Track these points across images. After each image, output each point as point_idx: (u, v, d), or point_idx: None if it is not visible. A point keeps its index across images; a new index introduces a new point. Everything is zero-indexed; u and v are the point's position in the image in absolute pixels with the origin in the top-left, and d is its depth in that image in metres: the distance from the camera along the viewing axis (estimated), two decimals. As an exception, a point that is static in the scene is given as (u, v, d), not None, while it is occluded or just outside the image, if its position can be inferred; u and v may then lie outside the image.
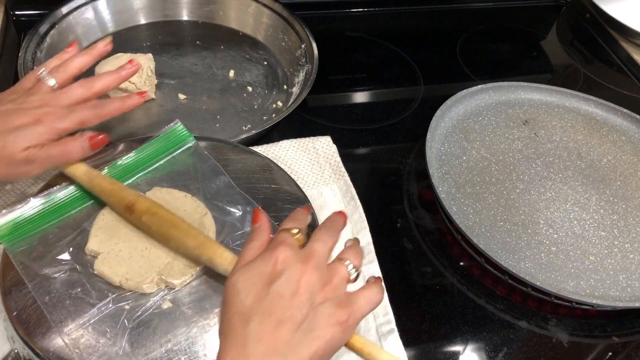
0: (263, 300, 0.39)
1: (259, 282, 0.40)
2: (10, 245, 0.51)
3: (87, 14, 0.84)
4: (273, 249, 0.42)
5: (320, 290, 0.41)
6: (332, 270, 0.43)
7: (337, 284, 0.42)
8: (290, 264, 0.41)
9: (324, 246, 0.43)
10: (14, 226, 0.53)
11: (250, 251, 0.43)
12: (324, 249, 0.43)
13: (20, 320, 0.47)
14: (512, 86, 0.84)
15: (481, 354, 0.59)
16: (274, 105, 0.80)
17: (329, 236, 0.44)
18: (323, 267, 0.42)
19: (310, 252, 0.42)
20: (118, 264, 0.51)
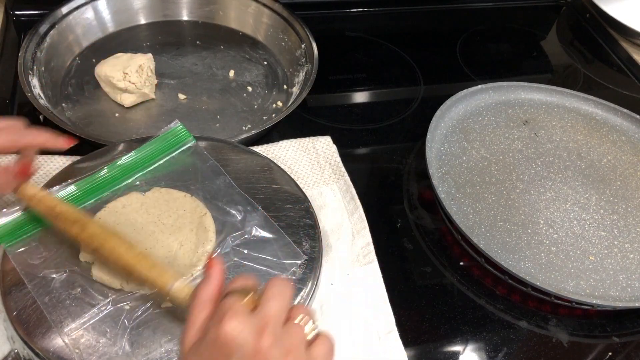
0: None
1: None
2: (10, 246, 0.51)
3: (87, 14, 0.84)
4: (218, 323, 0.35)
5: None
6: (290, 334, 0.37)
7: (297, 347, 0.37)
8: (241, 339, 0.34)
9: (280, 304, 0.37)
10: (13, 226, 0.53)
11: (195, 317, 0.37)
12: (280, 307, 0.37)
13: (20, 320, 0.47)
14: (512, 86, 0.84)
15: (481, 354, 0.59)
16: (274, 105, 0.80)
17: (282, 292, 0.38)
18: (279, 332, 0.36)
19: (264, 316, 0.36)
20: None
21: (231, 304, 0.36)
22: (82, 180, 0.57)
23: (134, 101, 0.76)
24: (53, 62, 0.78)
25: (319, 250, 0.56)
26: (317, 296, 0.56)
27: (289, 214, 0.58)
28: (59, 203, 0.52)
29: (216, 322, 0.35)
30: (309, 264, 0.55)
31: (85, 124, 0.73)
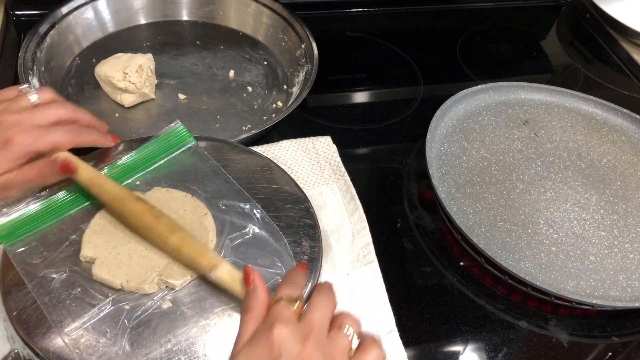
0: None
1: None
2: (10, 246, 0.51)
3: (87, 14, 0.84)
4: (268, 328, 0.39)
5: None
6: (333, 343, 0.40)
7: (340, 356, 0.40)
8: (288, 345, 0.38)
9: (324, 315, 0.41)
10: (13, 226, 0.53)
11: (248, 326, 0.41)
12: (324, 317, 0.41)
13: (20, 320, 0.47)
14: (512, 86, 0.84)
15: (481, 354, 0.59)
16: (274, 105, 0.80)
17: (327, 301, 0.42)
18: (324, 341, 0.40)
19: (309, 326, 0.40)
20: (117, 267, 0.50)
21: (280, 311, 0.40)
22: None
23: (134, 101, 0.76)
24: (53, 62, 0.78)
25: (319, 250, 0.56)
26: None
27: (289, 214, 0.58)
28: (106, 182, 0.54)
29: (267, 327, 0.39)
30: (309, 264, 0.54)
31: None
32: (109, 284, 0.50)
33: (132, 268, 0.51)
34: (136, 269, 0.50)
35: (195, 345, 0.47)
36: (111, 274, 0.50)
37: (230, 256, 0.53)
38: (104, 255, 0.51)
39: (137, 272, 0.50)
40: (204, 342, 0.48)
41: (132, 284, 0.50)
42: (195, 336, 0.48)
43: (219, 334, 0.48)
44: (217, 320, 0.49)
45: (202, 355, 0.47)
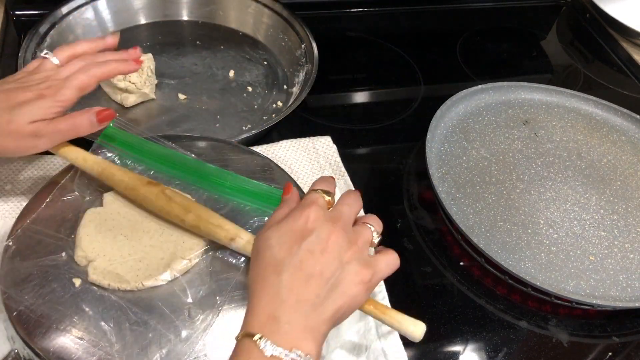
0: (295, 255, 0.42)
1: (291, 237, 0.43)
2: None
3: (87, 14, 0.84)
4: (304, 208, 0.45)
5: (347, 250, 0.44)
6: (357, 233, 0.46)
7: (362, 245, 0.46)
8: (320, 223, 0.44)
9: (350, 209, 0.47)
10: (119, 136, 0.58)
11: (282, 210, 0.47)
12: (351, 212, 0.47)
13: (20, 320, 0.47)
14: (512, 86, 0.84)
15: (481, 354, 0.59)
16: (274, 105, 0.80)
17: (355, 200, 0.48)
18: (350, 229, 0.46)
19: (338, 213, 0.46)
20: (112, 269, 0.50)
21: (316, 197, 0.47)
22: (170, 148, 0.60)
23: (134, 101, 0.77)
24: (53, 62, 0.78)
25: None
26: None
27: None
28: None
29: (303, 206, 0.46)
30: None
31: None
32: (105, 286, 0.50)
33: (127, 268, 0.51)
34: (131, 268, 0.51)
35: (196, 345, 0.47)
36: (107, 277, 0.50)
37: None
38: (99, 257, 0.51)
39: (135, 271, 0.50)
40: (204, 342, 0.48)
41: (130, 284, 0.50)
42: (196, 336, 0.48)
43: (220, 334, 0.48)
44: (216, 320, 0.49)
45: (202, 356, 0.47)
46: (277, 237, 0.44)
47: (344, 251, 0.44)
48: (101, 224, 0.54)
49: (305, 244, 0.43)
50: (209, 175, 0.58)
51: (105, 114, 0.55)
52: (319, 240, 0.43)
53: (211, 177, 0.58)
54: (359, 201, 0.49)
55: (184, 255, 0.52)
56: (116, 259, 0.51)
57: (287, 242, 0.43)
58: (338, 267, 0.43)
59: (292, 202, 0.49)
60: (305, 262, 0.42)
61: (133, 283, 0.50)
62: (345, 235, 0.45)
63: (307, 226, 0.44)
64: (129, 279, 0.50)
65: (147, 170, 0.59)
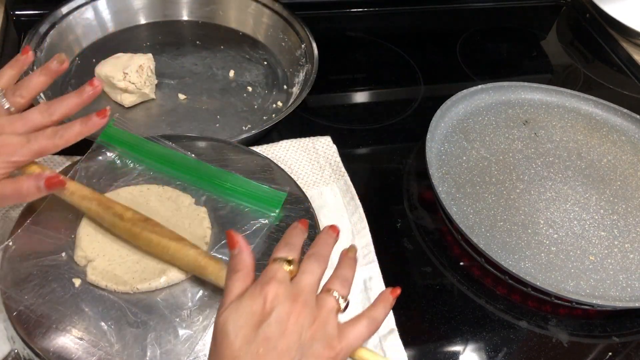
0: (252, 342, 0.38)
1: (248, 322, 0.39)
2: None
3: (87, 14, 0.84)
4: (263, 285, 0.40)
5: (309, 327, 0.40)
6: (320, 304, 0.42)
7: (326, 318, 0.41)
8: (279, 302, 0.39)
9: (313, 278, 0.42)
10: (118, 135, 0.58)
11: (236, 284, 0.42)
12: (313, 280, 0.42)
13: (20, 320, 0.47)
14: (512, 86, 0.84)
15: (481, 354, 0.59)
16: (274, 105, 0.80)
17: (318, 266, 0.43)
18: (312, 302, 0.41)
19: (299, 287, 0.41)
20: (111, 270, 0.50)
21: (277, 269, 0.41)
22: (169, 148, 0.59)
23: (134, 101, 0.76)
24: (53, 62, 0.78)
25: None
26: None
27: (289, 214, 0.58)
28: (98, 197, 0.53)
29: (262, 283, 0.40)
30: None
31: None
32: (103, 287, 0.50)
33: (125, 269, 0.51)
34: (129, 269, 0.51)
35: (196, 345, 0.47)
36: (105, 278, 0.50)
37: None
38: (98, 258, 0.51)
39: (132, 273, 0.50)
40: (204, 342, 0.48)
41: (127, 286, 0.50)
42: (196, 336, 0.48)
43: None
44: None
45: (202, 356, 0.47)
46: (234, 322, 0.39)
47: (306, 330, 0.40)
48: (101, 224, 0.54)
49: (262, 330, 0.38)
50: (208, 175, 0.58)
51: (54, 181, 0.50)
52: (278, 323, 0.39)
53: (211, 178, 0.58)
54: (322, 264, 0.44)
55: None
56: (115, 260, 0.51)
57: (244, 328, 0.39)
58: (299, 350, 0.39)
59: (245, 261, 0.43)
60: (263, 350, 0.38)
61: (129, 286, 0.50)
62: (307, 311, 0.40)
63: (265, 308, 0.39)
64: (126, 280, 0.50)
65: (147, 170, 0.59)
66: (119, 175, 0.58)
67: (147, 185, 0.58)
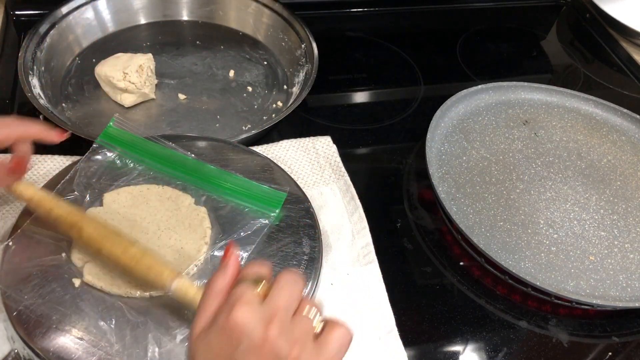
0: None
1: (219, 351, 0.35)
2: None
3: (87, 14, 0.84)
4: (228, 311, 0.36)
5: (288, 353, 0.36)
6: (296, 326, 0.37)
7: (304, 341, 0.37)
8: (249, 328, 0.35)
9: (290, 296, 0.38)
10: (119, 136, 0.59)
11: (207, 305, 0.38)
12: (290, 299, 0.38)
13: (20, 320, 0.47)
14: (512, 86, 0.84)
15: (481, 354, 0.59)
16: (274, 105, 0.80)
17: (295, 282, 0.38)
18: (287, 324, 0.37)
19: (273, 306, 0.36)
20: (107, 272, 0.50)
21: (243, 292, 0.37)
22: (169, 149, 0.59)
23: (134, 101, 0.76)
24: (53, 62, 0.78)
25: (319, 250, 0.56)
26: (317, 296, 0.56)
27: (289, 214, 0.58)
28: (56, 205, 0.51)
29: (227, 309, 0.36)
30: (309, 264, 0.55)
31: (85, 124, 0.73)
32: (99, 288, 0.50)
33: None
34: None
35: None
36: (101, 279, 0.50)
37: None
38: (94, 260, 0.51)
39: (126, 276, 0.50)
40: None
41: (122, 288, 0.49)
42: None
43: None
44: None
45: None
46: (204, 352, 0.36)
47: (285, 356, 0.35)
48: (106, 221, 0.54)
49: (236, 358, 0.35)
50: (208, 175, 0.59)
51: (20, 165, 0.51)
52: (251, 350, 0.35)
53: (211, 178, 0.58)
54: (298, 283, 0.39)
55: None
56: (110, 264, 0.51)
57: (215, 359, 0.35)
58: None
59: (227, 274, 0.39)
60: None
61: (123, 289, 0.49)
62: (283, 338, 0.35)
63: (234, 333, 0.35)
64: (121, 283, 0.50)
65: (147, 170, 0.59)
66: (119, 175, 0.58)
67: (147, 185, 0.58)
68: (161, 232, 0.54)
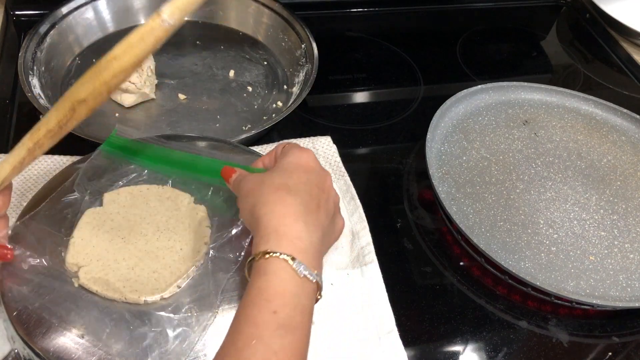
0: (306, 184, 0.46)
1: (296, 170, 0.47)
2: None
3: (87, 14, 0.84)
4: (302, 150, 0.50)
5: (334, 197, 0.50)
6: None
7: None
8: (318, 167, 0.50)
9: None
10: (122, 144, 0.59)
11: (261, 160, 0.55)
12: None
13: (20, 320, 0.47)
14: (512, 86, 0.84)
15: (481, 354, 0.59)
16: (274, 105, 0.80)
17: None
18: None
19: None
20: (103, 276, 0.50)
21: (308, 150, 0.51)
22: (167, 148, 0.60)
23: (134, 101, 0.76)
24: (53, 62, 0.78)
25: None
26: (317, 296, 0.56)
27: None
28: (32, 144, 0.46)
29: (299, 149, 0.50)
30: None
31: (85, 124, 0.73)
32: (94, 291, 0.50)
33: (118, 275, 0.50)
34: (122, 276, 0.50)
35: (196, 346, 0.47)
36: (97, 283, 0.50)
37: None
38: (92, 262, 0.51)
39: (124, 281, 0.50)
40: (204, 342, 0.48)
41: (117, 293, 0.49)
42: (196, 336, 0.48)
43: (220, 333, 0.48)
44: (217, 320, 0.49)
45: (202, 356, 0.47)
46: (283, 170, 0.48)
47: (333, 196, 0.49)
48: (99, 225, 0.54)
49: (312, 178, 0.47)
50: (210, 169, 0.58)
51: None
52: (320, 180, 0.48)
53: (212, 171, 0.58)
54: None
55: (174, 277, 0.51)
56: (110, 265, 0.51)
57: (295, 172, 0.47)
58: (333, 207, 0.48)
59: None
60: (314, 192, 0.46)
61: (119, 293, 0.49)
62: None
63: (309, 164, 0.48)
64: (117, 287, 0.49)
65: (154, 173, 0.59)
66: (119, 176, 0.58)
67: (147, 185, 0.58)
68: (160, 234, 0.54)
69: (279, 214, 0.43)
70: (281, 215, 0.43)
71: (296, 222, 0.43)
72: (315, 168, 0.49)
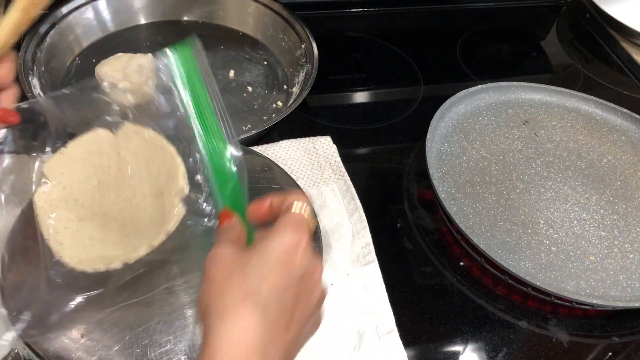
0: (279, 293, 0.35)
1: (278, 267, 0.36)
2: None
3: (87, 14, 0.84)
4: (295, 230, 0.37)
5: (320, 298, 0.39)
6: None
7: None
8: (308, 256, 0.37)
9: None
10: None
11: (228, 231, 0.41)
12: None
13: (20, 320, 0.47)
14: (512, 86, 0.84)
15: (481, 354, 0.59)
16: (274, 105, 0.80)
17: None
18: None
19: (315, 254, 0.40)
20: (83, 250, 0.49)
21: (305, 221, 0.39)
22: None
23: (134, 101, 0.76)
24: (53, 62, 0.78)
25: (319, 250, 0.56)
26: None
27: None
28: None
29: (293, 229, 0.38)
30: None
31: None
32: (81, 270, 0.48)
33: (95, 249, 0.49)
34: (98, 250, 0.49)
35: (195, 345, 0.47)
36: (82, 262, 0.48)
37: None
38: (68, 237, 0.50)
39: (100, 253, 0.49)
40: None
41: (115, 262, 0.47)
42: (195, 336, 0.48)
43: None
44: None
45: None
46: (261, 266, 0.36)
47: (319, 293, 0.38)
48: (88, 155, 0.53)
49: (292, 282, 0.36)
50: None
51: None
52: (304, 282, 0.37)
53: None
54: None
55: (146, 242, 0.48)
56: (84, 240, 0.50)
57: (273, 273, 0.35)
58: (314, 306, 0.38)
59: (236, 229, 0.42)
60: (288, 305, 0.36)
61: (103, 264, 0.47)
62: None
63: (296, 260, 0.36)
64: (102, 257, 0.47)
65: None
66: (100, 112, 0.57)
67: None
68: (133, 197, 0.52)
69: (231, 341, 0.34)
70: (234, 344, 0.34)
71: (251, 355, 0.34)
72: (303, 264, 0.37)
